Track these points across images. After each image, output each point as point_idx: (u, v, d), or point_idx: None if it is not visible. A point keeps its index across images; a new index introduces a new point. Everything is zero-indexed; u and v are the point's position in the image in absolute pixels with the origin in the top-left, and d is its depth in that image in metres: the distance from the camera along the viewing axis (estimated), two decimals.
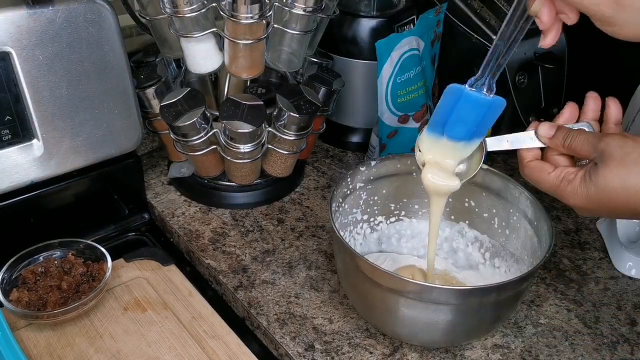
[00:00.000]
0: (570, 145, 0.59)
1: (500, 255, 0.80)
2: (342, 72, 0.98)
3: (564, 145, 0.60)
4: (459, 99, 0.63)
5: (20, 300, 0.74)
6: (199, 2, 0.79)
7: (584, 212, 0.59)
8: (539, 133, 0.61)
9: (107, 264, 0.78)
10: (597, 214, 0.59)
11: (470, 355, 0.73)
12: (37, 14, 0.74)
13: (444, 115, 0.64)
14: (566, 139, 0.59)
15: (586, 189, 0.56)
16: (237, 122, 0.83)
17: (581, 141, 0.58)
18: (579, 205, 0.58)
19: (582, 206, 0.58)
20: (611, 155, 0.55)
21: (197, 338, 0.74)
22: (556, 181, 0.59)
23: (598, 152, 0.56)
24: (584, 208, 0.58)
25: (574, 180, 0.58)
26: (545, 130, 0.61)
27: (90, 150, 0.83)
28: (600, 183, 0.55)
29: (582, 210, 0.58)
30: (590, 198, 0.56)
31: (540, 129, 0.61)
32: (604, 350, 0.74)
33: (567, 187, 0.58)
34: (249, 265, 0.84)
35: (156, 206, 0.95)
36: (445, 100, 0.64)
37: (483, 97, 0.63)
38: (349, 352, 0.73)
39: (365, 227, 0.83)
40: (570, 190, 0.57)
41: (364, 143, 1.07)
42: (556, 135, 0.60)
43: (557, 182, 0.59)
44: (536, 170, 0.61)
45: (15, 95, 0.76)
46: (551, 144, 0.61)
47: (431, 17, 0.94)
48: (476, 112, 0.63)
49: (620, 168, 0.54)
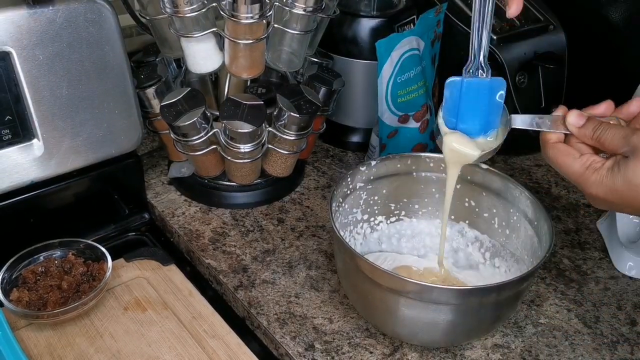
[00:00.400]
0: (599, 138, 0.57)
1: (500, 255, 0.80)
2: (342, 72, 0.98)
3: (593, 137, 0.58)
4: (460, 92, 0.63)
5: (21, 300, 0.74)
6: (199, 1, 0.79)
7: (601, 204, 0.57)
8: (568, 121, 0.59)
9: (107, 263, 0.78)
10: (614, 208, 0.57)
11: (470, 355, 0.73)
12: (38, 14, 0.74)
13: (452, 112, 0.65)
14: (596, 130, 0.57)
15: (612, 181, 0.54)
16: (237, 122, 0.83)
17: (612, 134, 0.56)
18: (600, 196, 0.56)
19: (603, 197, 0.56)
20: None
21: (197, 338, 0.74)
22: (581, 168, 0.57)
23: (630, 145, 0.54)
24: (604, 200, 0.56)
25: (600, 169, 0.56)
26: (574, 118, 0.59)
27: (91, 150, 0.83)
28: (629, 176, 0.53)
29: (601, 202, 0.57)
30: (615, 190, 0.54)
31: (569, 117, 0.59)
32: (604, 350, 0.74)
33: (591, 176, 0.56)
34: (249, 265, 0.84)
35: (156, 206, 0.95)
36: (450, 97, 0.65)
37: (481, 80, 0.63)
38: (349, 352, 0.73)
39: (366, 227, 0.83)
40: (595, 179, 0.56)
41: (364, 143, 1.07)
42: (586, 125, 0.58)
43: (582, 170, 0.57)
44: (562, 154, 0.59)
45: (16, 95, 0.76)
46: (579, 133, 0.59)
47: (431, 17, 0.94)
48: (482, 98, 0.63)
49: None
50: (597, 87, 1.10)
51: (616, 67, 1.08)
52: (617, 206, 0.56)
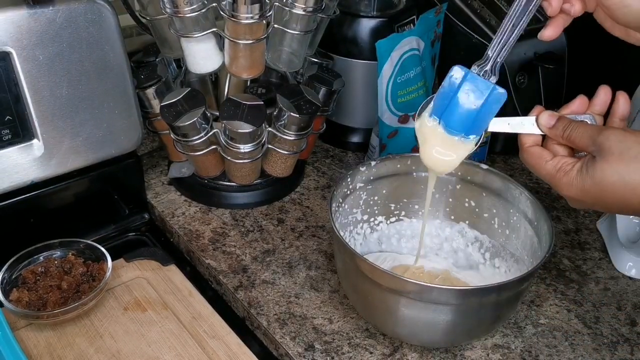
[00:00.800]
0: (569, 137, 0.58)
1: (500, 255, 0.80)
2: (342, 72, 0.98)
3: (563, 136, 0.59)
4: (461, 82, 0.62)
5: (21, 300, 0.74)
6: (199, 2, 0.79)
7: (577, 204, 0.58)
8: (540, 122, 0.60)
9: (107, 263, 0.78)
10: (590, 207, 0.58)
11: (470, 355, 0.73)
12: (38, 14, 0.74)
13: (443, 99, 0.63)
14: (565, 129, 0.59)
15: (582, 182, 0.56)
16: (237, 122, 0.83)
17: (580, 133, 0.57)
18: (573, 197, 0.57)
19: (576, 198, 0.57)
20: (610, 149, 0.54)
21: (197, 338, 0.74)
22: (552, 170, 0.58)
23: (597, 145, 0.55)
24: (578, 200, 0.57)
25: (570, 171, 0.57)
26: (545, 119, 0.60)
27: (91, 150, 0.83)
28: (597, 176, 0.54)
29: (576, 202, 0.58)
30: (586, 191, 0.55)
31: (541, 118, 0.61)
32: (604, 351, 0.74)
33: (562, 178, 0.57)
34: (249, 265, 0.84)
35: (156, 206, 0.95)
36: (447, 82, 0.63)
37: (486, 81, 0.62)
38: (349, 352, 0.73)
39: (365, 227, 0.83)
40: (566, 181, 0.57)
41: (364, 143, 1.07)
42: (556, 125, 0.60)
43: (554, 172, 0.58)
44: (535, 157, 0.60)
45: (16, 95, 0.76)
46: (550, 133, 0.60)
47: (431, 17, 0.94)
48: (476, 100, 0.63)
49: (619, 163, 0.53)
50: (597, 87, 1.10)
51: (616, 67, 1.08)
52: (592, 205, 0.57)
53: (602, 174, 0.54)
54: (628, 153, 0.53)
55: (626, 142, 0.54)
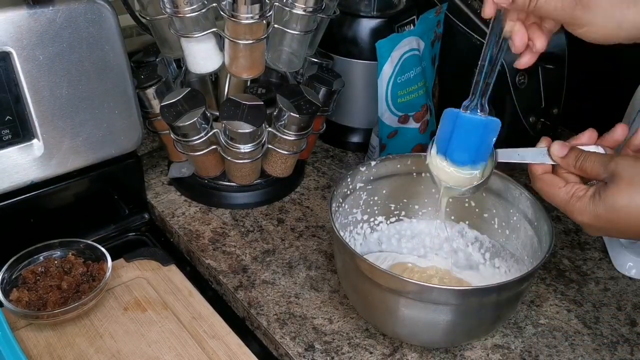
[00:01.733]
0: (581, 167, 0.60)
1: (500, 255, 0.80)
2: (342, 72, 0.98)
3: (575, 166, 0.60)
4: (455, 123, 0.65)
5: (20, 300, 0.74)
6: (199, 2, 0.79)
7: (592, 230, 0.59)
8: (552, 152, 0.62)
9: (107, 264, 0.78)
10: (604, 233, 0.59)
11: (470, 355, 0.73)
12: (38, 14, 0.74)
13: (444, 140, 0.66)
14: (578, 159, 0.60)
15: (594, 207, 0.57)
16: (237, 122, 0.83)
17: (592, 162, 0.59)
18: (587, 223, 0.58)
19: (590, 224, 0.58)
20: (621, 175, 0.55)
21: (197, 338, 0.74)
22: (566, 197, 0.59)
23: (608, 172, 0.56)
24: (592, 226, 0.58)
25: (583, 197, 0.58)
26: (557, 149, 0.62)
27: (91, 150, 0.83)
28: (609, 202, 0.56)
29: (590, 228, 0.59)
30: (599, 216, 0.56)
31: (553, 148, 0.62)
32: (604, 351, 0.74)
33: (576, 204, 0.58)
34: (249, 265, 0.84)
35: (156, 206, 0.95)
36: (443, 125, 0.66)
37: (477, 118, 0.64)
38: (349, 352, 0.73)
39: (365, 227, 0.83)
40: (579, 207, 0.58)
41: (364, 143, 1.07)
42: (568, 155, 0.61)
43: (567, 198, 0.59)
44: (547, 184, 0.61)
45: (16, 95, 0.76)
46: (563, 163, 0.61)
47: (431, 17, 0.94)
48: (474, 134, 0.65)
49: (629, 187, 0.55)
50: (597, 88, 1.10)
51: (616, 67, 1.08)
52: (606, 231, 0.58)
53: (614, 199, 0.55)
54: (638, 177, 0.55)
55: (636, 168, 0.55)
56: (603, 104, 0.97)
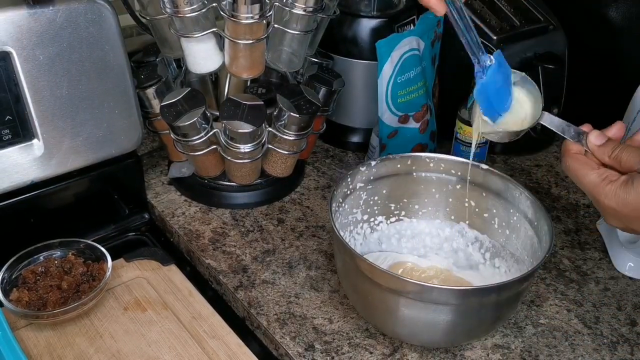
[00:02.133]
0: (617, 156, 0.60)
1: (500, 255, 0.80)
2: (342, 72, 0.98)
3: (611, 156, 0.60)
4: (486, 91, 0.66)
5: (21, 300, 0.74)
6: (199, 2, 0.79)
7: (614, 218, 0.59)
8: (590, 139, 0.62)
9: (107, 263, 0.78)
10: (626, 223, 0.59)
11: (470, 355, 0.73)
12: (38, 14, 0.74)
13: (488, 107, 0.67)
14: (614, 149, 0.60)
15: (625, 193, 0.57)
16: (237, 122, 0.83)
17: (629, 153, 0.59)
18: (612, 208, 0.58)
19: (616, 209, 0.58)
20: None
21: (197, 338, 0.74)
22: (598, 179, 0.59)
23: None
24: (617, 212, 0.58)
25: (616, 181, 0.58)
26: (595, 137, 0.62)
27: (91, 150, 0.83)
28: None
29: (614, 214, 0.59)
30: (627, 203, 0.57)
31: (591, 136, 0.62)
32: (604, 351, 0.74)
33: (606, 186, 0.58)
34: (249, 265, 0.84)
35: (156, 206, 0.95)
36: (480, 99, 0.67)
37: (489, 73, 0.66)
38: (349, 352, 0.73)
39: (366, 227, 0.83)
40: (610, 190, 0.58)
41: (364, 143, 1.07)
42: (606, 144, 0.61)
43: (599, 180, 0.59)
44: (581, 163, 0.61)
45: (16, 95, 0.76)
46: (598, 151, 0.61)
47: (431, 17, 0.94)
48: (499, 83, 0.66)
49: None
50: (597, 88, 1.10)
51: (616, 67, 1.08)
52: (627, 220, 0.59)
53: None
54: None
55: None
56: (603, 104, 0.97)
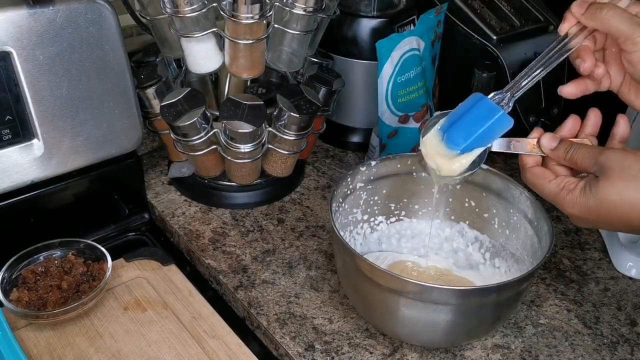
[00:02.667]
0: (571, 158, 0.60)
1: (500, 255, 0.80)
2: (342, 72, 0.98)
3: (565, 158, 0.60)
4: (475, 103, 0.64)
5: (21, 300, 0.74)
6: (200, 2, 0.79)
7: (581, 222, 0.60)
8: (542, 143, 0.62)
9: (107, 263, 0.78)
10: (593, 225, 0.59)
11: (470, 355, 0.73)
12: (38, 14, 0.74)
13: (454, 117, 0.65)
14: (568, 151, 0.60)
15: (585, 200, 0.57)
16: (237, 122, 0.83)
17: (582, 154, 0.59)
18: (577, 215, 0.58)
19: (580, 216, 0.58)
20: (611, 168, 0.56)
21: (197, 338, 0.74)
22: (556, 189, 0.60)
23: (598, 165, 0.57)
24: (581, 218, 0.58)
25: (574, 190, 0.58)
26: (547, 141, 0.62)
27: (91, 150, 0.83)
28: (599, 195, 0.56)
29: (579, 220, 0.59)
30: (589, 209, 0.57)
31: (543, 140, 0.62)
32: (604, 351, 0.74)
33: (566, 196, 0.58)
34: (249, 265, 0.84)
35: (156, 206, 0.95)
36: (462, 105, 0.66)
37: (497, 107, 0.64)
38: (349, 352, 0.73)
39: (366, 227, 0.83)
40: (570, 199, 0.58)
41: (364, 143, 1.07)
42: (558, 147, 0.61)
43: (557, 191, 0.59)
44: (538, 177, 0.61)
45: (16, 95, 0.76)
46: (552, 155, 0.61)
47: (431, 17, 0.94)
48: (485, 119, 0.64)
49: (619, 181, 0.55)
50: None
51: None
52: (595, 223, 0.59)
53: (604, 192, 0.56)
54: (629, 171, 0.55)
55: (626, 161, 0.55)
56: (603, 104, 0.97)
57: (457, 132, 0.65)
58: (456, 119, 0.65)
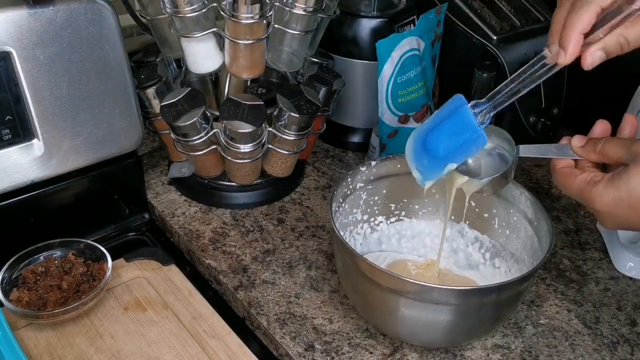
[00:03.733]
0: (602, 150, 0.58)
1: (500, 255, 0.80)
2: (342, 72, 0.98)
3: (596, 151, 0.59)
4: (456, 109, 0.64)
5: (21, 300, 0.74)
6: (200, 2, 0.79)
7: (610, 220, 0.57)
8: (572, 143, 0.61)
9: (107, 263, 0.78)
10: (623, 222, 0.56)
11: (470, 355, 0.73)
12: (38, 14, 0.74)
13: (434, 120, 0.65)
14: (597, 144, 0.59)
15: (614, 190, 0.55)
16: (237, 122, 0.83)
17: (614, 145, 0.57)
18: (605, 211, 0.56)
19: (607, 210, 0.56)
20: None
21: (197, 338, 0.74)
22: (582, 183, 0.58)
23: (631, 153, 0.55)
24: (611, 214, 0.56)
25: (600, 182, 0.56)
26: (577, 140, 0.61)
27: (91, 150, 0.83)
28: (630, 182, 0.53)
29: (608, 217, 0.57)
30: (619, 200, 0.54)
31: (574, 140, 0.61)
32: (604, 351, 0.74)
33: (592, 189, 0.56)
34: (249, 265, 0.84)
35: (156, 206, 0.95)
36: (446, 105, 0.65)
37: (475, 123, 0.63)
38: (349, 352, 0.73)
39: (366, 227, 0.83)
40: (596, 191, 0.56)
41: (364, 143, 1.07)
42: (588, 143, 0.60)
43: (584, 184, 0.58)
44: (565, 175, 0.60)
45: (16, 95, 0.76)
46: (583, 152, 0.60)
47: (432, 17, 0.94)
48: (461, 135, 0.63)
49: None
50: (597, 88, 1.10)
51: (616, 67, 1.08)
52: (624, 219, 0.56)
53: (635, 179, 0.53)
54: None
55: None
56: (603, 104, 0.97)
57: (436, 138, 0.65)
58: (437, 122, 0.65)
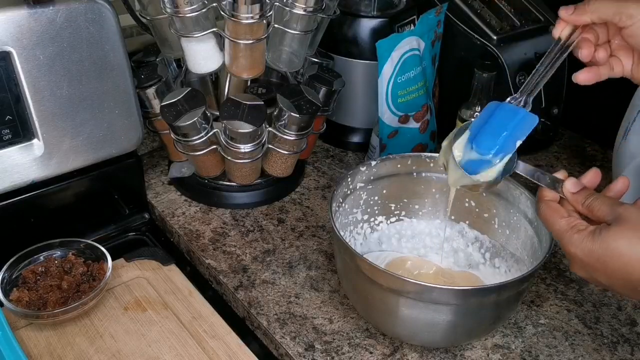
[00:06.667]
0: (589, 205, 0.60)
1: (500, 255, 0.80)
2: (342, 72, 0.98)
3: (584, 204, 0.60)
4: (494, 110, 0.65)
5: (21, 300, 0.74)
6: (200, 2, 0.79)
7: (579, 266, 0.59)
8: (565, 186, 0.62)
9: (107, 263, 0.78)
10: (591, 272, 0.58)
11: (470, 355, 0.73)
12: (38, 14, 0.74)
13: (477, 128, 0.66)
14: (587, 198, 0.60)
15: (592, 243, 0.56)
16: (237, 122, 0.83)
17: (600, 203, 0.59)
18: (579, 256, 0.58)
19: (582, 259, 0.57)
20: (627, 218, 0.55)
21: (197, 338, 0.74)
22: (566, 226, 0.59)
23: (615, 214, 0.56)
24: (582, 261, 0.58)
25: (583, 231, 0.58)
26: (571, 185, 0.62)
27: (91, 150, 0.83)
28: (608, 241, 0.55)
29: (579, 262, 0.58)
30: (592, 253, 0.56)
31: (567, 183, 0.62)
32: (604, 351, 0.74)
33: (574, 235, 0.58)
34: (249, 265, 0.84)
35: (156, 206, 0.95)
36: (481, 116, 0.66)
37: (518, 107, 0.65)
38: (349, 352, 0.73)
39: (366, 227, 0.83)
40: (577, 238, 0.58)
41: (364, 143, 1.07)
42: (580, 192, 0.61)
43: (567, 228, 0.59)
44: (552, 210, 0.61)
45: (16, 95, 0.76)
46: (572, 199, 0.61)
47: (432, 17, 0.94)
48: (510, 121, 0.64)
49: (632, 232, 0.54)
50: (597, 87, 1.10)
51: None
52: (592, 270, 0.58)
53: (614, 238, 0.55)
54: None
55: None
56: (603, 104, 0.97)
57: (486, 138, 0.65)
58: (479, 128, 0.66)
